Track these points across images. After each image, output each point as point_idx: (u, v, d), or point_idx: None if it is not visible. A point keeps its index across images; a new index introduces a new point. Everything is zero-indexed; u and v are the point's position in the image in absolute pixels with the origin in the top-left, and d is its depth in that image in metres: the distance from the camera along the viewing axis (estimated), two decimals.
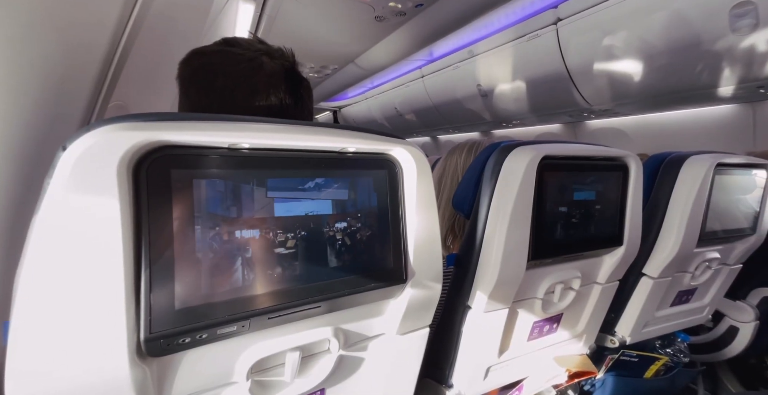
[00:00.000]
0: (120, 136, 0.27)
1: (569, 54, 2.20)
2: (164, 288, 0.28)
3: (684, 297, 0.84)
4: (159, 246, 0.28)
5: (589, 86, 2.32)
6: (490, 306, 0.56)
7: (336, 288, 0.37)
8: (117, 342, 0.27)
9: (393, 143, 0.42)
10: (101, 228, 0.26)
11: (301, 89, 0.48)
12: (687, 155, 0.73)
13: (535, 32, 2.29)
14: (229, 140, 0.31)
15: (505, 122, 3.28)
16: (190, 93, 0.45)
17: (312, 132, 0.36)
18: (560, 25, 2.15)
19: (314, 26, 1.44)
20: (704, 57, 1.71)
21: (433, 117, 3.72)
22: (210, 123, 0.31)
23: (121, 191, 0.27)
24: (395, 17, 1.39)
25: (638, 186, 0.65)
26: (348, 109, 4.84)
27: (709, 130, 2.33)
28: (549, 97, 2.58)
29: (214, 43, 0.46)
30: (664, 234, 0.72)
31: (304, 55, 2.39)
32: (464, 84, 2.99)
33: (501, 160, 0.55)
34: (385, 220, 0.42)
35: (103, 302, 0.27)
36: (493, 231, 0.54)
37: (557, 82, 2.41)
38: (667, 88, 2.04)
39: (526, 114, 2.96)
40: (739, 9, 1.47)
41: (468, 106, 3.22)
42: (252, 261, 0.32)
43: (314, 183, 0.37)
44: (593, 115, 2.78)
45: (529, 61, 2.45)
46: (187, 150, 0.30)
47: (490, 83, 2.81)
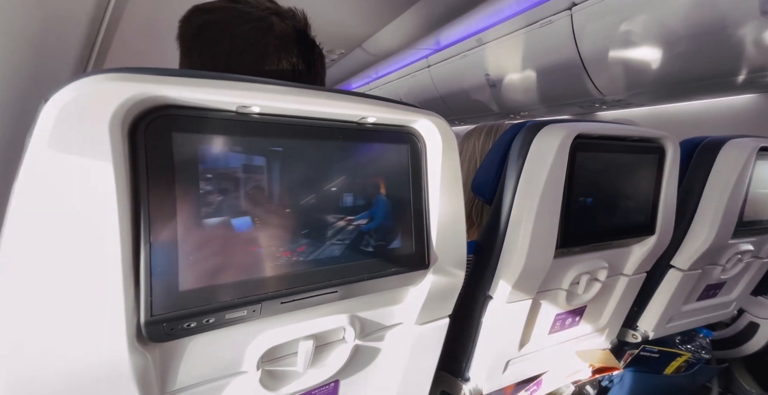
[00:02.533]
0: (112, 88, 0.23)
1: (583, 41, 2.11)
2: (166, 266, 0.25)
3: (712, 292, 0.80)
4: (160, 218, 0.25)
5: (603, 75, 2.23)
6: (513, 297, 0.52)
7: (354, 272, 0.34)
8: (114, 325, 0.24)
9: (417, 114, 0.38)
10: (92, 196, 0.23)
11: (314, 55, 0.44)
12: (725, 139, 0.68)
13: (548, 18, 2.19)
14: (239, 101, 0.27)
15: (513, 113, 3.19)
16: (192, 54, 0.40)
17: (330, 97, 0.32)
18: (575, 10, 2.05)
19: (323, 4, 1.37)
20: (729, 42, 1.62)
21: (439, 108, 3.63)
22: (218, 81, 0.27)
23: (115, 153, 0.23)
24: None
25: (674, 171, 0.60)
26: None
27: (730, 122, 2.24)
28: (560, 86, 2.50)
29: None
30: (696, 223, 0.68)
31: None
32: (472, 74, 2.90)
33: (529, 140, 0.51)
34: (406, 200, 0.38)
35: (96, 280, 0.23)
36: (519, 216, 0.50)
37: (569, 71, 2.32)
38: (687, 76, 1.95)
39: (536, 105, 2.88)
40: None
41: (475, 96, 3.14)
42: (264, 239, 0.29)
43: (331, 155, 0.33)
44: (605, 106, 2.69)
45: (541, 49, 2.36)
46: (191, 111, 0.26)
47: (498, 73, 2.72)
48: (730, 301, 0.84)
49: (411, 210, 0.38)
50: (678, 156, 0.60)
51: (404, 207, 0.38)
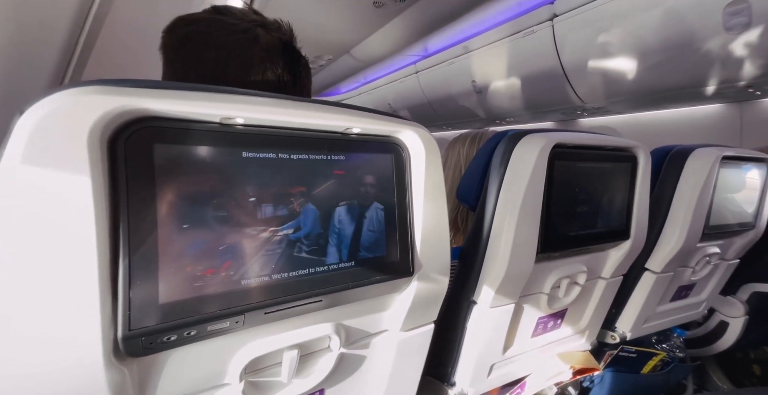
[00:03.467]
0: (90, 101, 0.23)
1: (564, 51, 2.20)
2: (146, 279, 0.25)
3: (683, 293, 0.84)
4: (140, 230, 0.24)
5: (584, 83, 2.33)
6: (497, 302, 0.53)
7: (339, 280, 0.34)
8: (89, 340, 0.23)
9: (401, 125, 0.39)
10: (68, 210, 0.22)
11: (299, 66, 0.44)
12: (692, 148, 0.72)
13: (530, 28, 2.28)
14: (222, 113, 0.28)
15: (499, 119, 3.28)
16: (175, 65, 0.40)
17: (315, 109, 0.33)
18: (556, 21, 2.14)
19: (311, 11, 1.38)
20: (697, 55, 1.73)
21: (427, 113, 3.69)
22: (201, 93, 0.27)
23: (93, 166, 0.23)
24: (395, 3, 1.34)
25: (646, 178, 0.64)
26: None
27: (699, 130, 2.37)
28: (543, 94, 2.59)
29: (202, 11, 0.42)
30: (668, 228, 0.72)
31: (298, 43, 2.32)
32: (459, 80, 2.97)
33: (510, 149, 0.53)
34: (391, 208, 0.38)
35: (71, 296, 0.23)
36: (501, 222, 0.52)
37: (552, 79, 2.41)
38: (660, 86, 2.06)
39: (521, 111, 2.97)
40: (732, 7, 1.48)
41: (462, 102, 3.21)
42: (247, 249, 0.29)
43: (314, 165, 0.33)
44: (586, 113, 2.81)
45: (525, 58, 2.45)
46: (174, 122, 0.26)
47: (484, 79, 2.80)
48: (701, 301, 0.88)
49: (396, 219, 0.39)
50: (649, 164, 0.63)
51: (389, 216, 0.38)
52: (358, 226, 0.36)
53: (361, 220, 0.36)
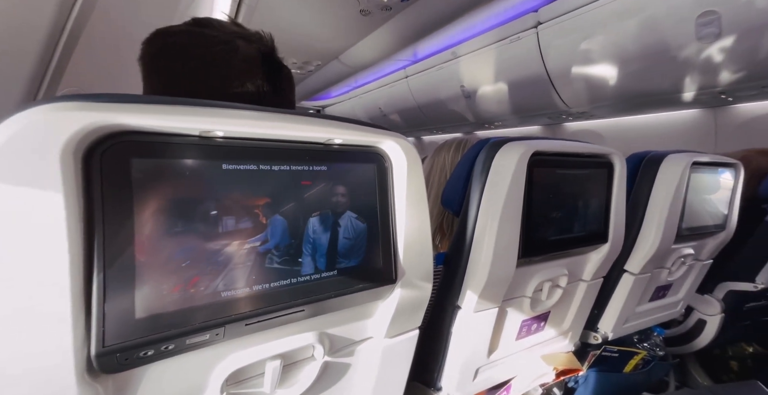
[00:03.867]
0: (64, 118, 0.23)
1: (549, 57, 2.27)
2: (122, 294, 0.24)
3: (661, 293, 0.87)
4: (116, 245, 0.24)
5: (568, 89, 2.40)
6: (480, 306, 0.54)
7: (321, 290, 0.35)
8: (60, 358, 0.23)
9: (382, 135, 0.40)
10: (40, 226, 0.22)
11: (280, 77, 0.44)
12: (665, 154, 0.75)
13: (516, 35, 2.34)
14: (202, 127, 0.28)
15: (488, 123, 3.34)
16: (153, 77, 0.40)
17: (296, 121, 0.33)
18: (540, 28, 2.21)
19: (297, 18, 1.38)
20: (672, 63, 1.81)
21: (418, 117, 3.73)
22: (179, 107, 0.27)
23: (66, 182, 0.23)
24: (381, 12, 1.36)
25: (622, 183, 0.66)
26: (331, 108, 4.77)
27: (677, 133, 2.47)
28: (530, 98, 2.65)
29: (182, 23, 0.42)
30: (644, 230, 0.74)
31: (286, 49, 2.31)
32: (448, 85, 3.02)
33: (491, 156, 0.54)
34: (373, 217, 0.39)
35: (41, 313, 0.22)
36: (483, 228, 0.53)
37: (538, 85, 2.48)
38: (639, 91, 2.14)
39: (508, 115, 3.03)
40: (704, 18, 1.56)
41: (452, 106, 3.26)
42: (226, 261, 0.29)
43: (297, 176, 0.34)
44: (571, 118, 2.89)
45: (511, 64, 2.51)
46: (152, 136, 0.27)
47: (473, 84, 2.85)
48: (678, 301, 0.91)
49: (379, 228, 0.39)
50: (624, 170, 0.66)
51: (372, 224, 0.39)
52: (337, 236, 0.36)
53: (341, 230, 0.36)
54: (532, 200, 0.55)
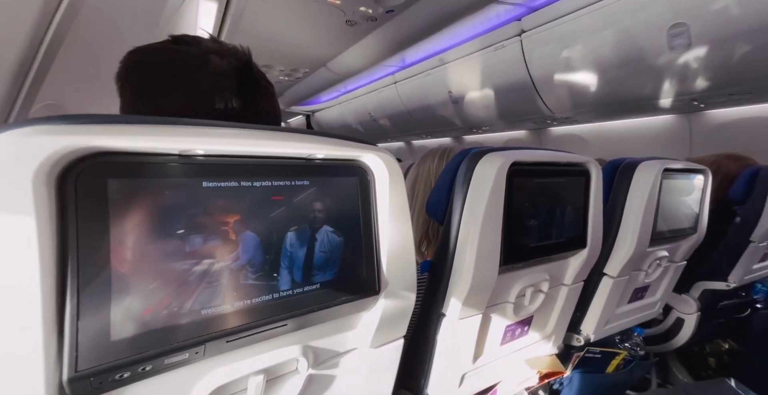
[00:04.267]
0: (36, 143, 0.23)
1: (533, 64, 2.34)
2: (97, 316, 0.24)
3: (639, 294, 0.90)
4: (90, 267, 0.24)
5: (551, 95, 2.47)
6: (465, 313, 0.56)
7: (304, 303, 0.35)
8: (31, 384, 0.23)
9: (364, 149, 0.40)
10: (11, 250, 0.22)
11: (255, 91, 0.44)
12: (639, 161, 0.79)
13: (501, 43, 2.40)
14: (179, 146, 0.28)
15: (476, 128, 3.40)
16: (127, 94, 0.40)
17: (277, 138, 0.34)
18: (524, 36, 2.27)
19: (283, 28, 1.38)
20: (648, 71, 1.89)
21: (407, 122, 3.77)
22: (156, 127, 0.27)
23: (38, 207, 0.23)
24: (366, 22, 1.38)
25: (598, 190, 0.69)
26: (321, 113, 4.77)
27: (656, 138, 2.57)
28: (515, 104, 2.72)
29: (160, 41, 0.42)
30: (621, 235, 0.77)
31: (273, 57, 2.31)
32: (436, 91, 3.06)
33: (472, 166, 0.56)
34: (356, 229, 0.40)
35: (12, 337, 0.22)
36: (466, 237, 0.54)
37: (523, 91, 2.54)
38: (618, 98, 2.23)
39: (495, 120, 3.10)
40: (675, 29, 1.64)
41: (440, 112, 3.31)
42: (206, 278, 0.29)
43: (279, 191, 0.34)
44: (555, 123, 2.97)
45: (497, 70, 2.57)
46: (129, 156, 0.27)
47: (460, 90, 2.91)
48: (656, 301, 0.95)
49: (361, 240, 0.40)
50: (600, 177, 0.69)
51: (355, 236, 0.40)
52: (323, 249, 0.37)
53: (327, 243, 0.37)
54: (513, 209, 0.56)
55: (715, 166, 1.31)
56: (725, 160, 1.31)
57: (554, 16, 2.04)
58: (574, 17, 1.95)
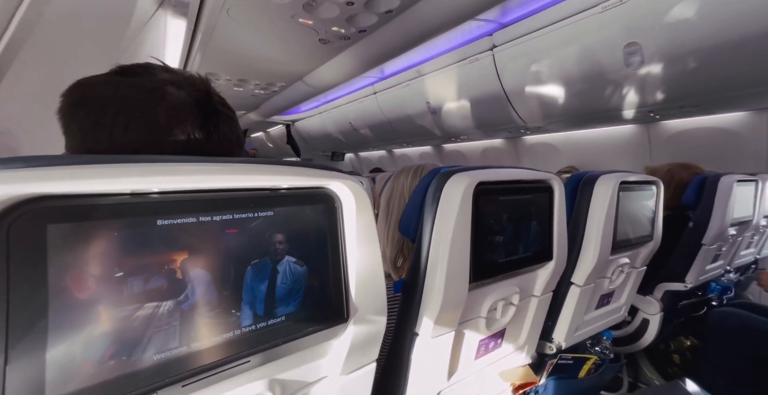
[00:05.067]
0: None
1: (505, 77, 2.45)
2: (28, 375, 0.22)
3: (605, 300, 0.95)
4: (22, 322, 0.23)
5: (523, 106, 2.60)
6: (438, 331, 0.56)
7: (268, 337, 0.34)
8: None
9: (330, 177, 0.41)
10: None
11: (216, 120, 0.43)
12: (598, 175, 0.84)
13: (474, 56, 2.51)
14: (133, 187, 0.27)
15: (454, 137, 3.50)
16: (72, 130, 0.37)
17: (240, 171, 0.33)
18: (496, 51, 2.38)
19: (256, 44, 1.37)
20: (608, 85, 2.03)
21: (388, 132, 3.81)
22: (104, 167, 0.26)
23: None
24: (339, 41, 1.40)
25: (561, 204, 0.72)
26: (302, 122, 4.74)
27: (621, 146, 2.75)
28: (491, 115, 2.83)
29: (106, 73, 0.40)
30: (585, 245, 0.82)
31: (247, 71, 2.28)
32: (414, 101, 3.13)
33: (441, 186, 0.58)
34: (323, 257, 0.40)
35: None
36: (436, 256, 0.56)
37: (497, 102, 2.65)
38: (584, 109, 2.37)
39: (472, 130, 3.20)
40: (629, 48, 1.78)
41: (419, 122, 3.38)
42: (154, 321, 0.28)
43: (239, 224, 0.34)
44: (529, 132, 3.11)
45: (472, 82, 2.67)
46: (74, 200, 0.26)
47: (438, 101, 2.99)
48: (621, 306, 1.00)
49: (329, 267, 0.40)
50: (563, 192, 0.72)
51: (322, 264, 0.39)
52: (288, 279, 0.37)
53: (292, 273, 0.37)
54: (480, 227, 0.58)
55: (669, 174, 1.42)
56: (678, 169, 1.42)
57: (522, 33, 2.16)
58: (541, 34, 2.07)
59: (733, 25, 1.35)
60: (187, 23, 1.10)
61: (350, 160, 5.99)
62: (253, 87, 2.22)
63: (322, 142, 5.02)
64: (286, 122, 4.83)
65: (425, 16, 1.09)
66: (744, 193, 1.31)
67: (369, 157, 5.46)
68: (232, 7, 1.01)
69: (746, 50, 1.40)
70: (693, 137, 2.30)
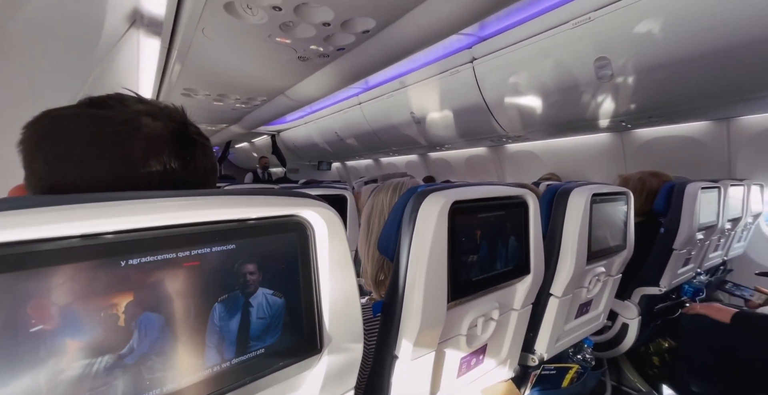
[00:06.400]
0: None
1: (485, 88, 2.53)
2: None
3: (584, 309, 0.97)
4: None
5: (504, 116, 2.68)
6: (417, 353, 0.56)
7: (234, 377, 0.33)
8: None
9: (302, 205, 0.40)
10: None
11: (193, 149, 0.42)
12: (572, 188, 0.87)
13: (455, 68, 2.58)
14: (84, 230, 0.26)
15: (439, 146, 3.56)
16: (36, 166, 0.36)
17: (204, 206, 0.32)
18: (476, 63, 2.46)
19: (234, 62, 1.36)
20: (582, 96, 2.12)
21: (373, 141, 3.84)
22: (50, 212, 0.25)
23: None
24: (318, 58, 1.40)
25: (537, 219, 0.74)
26: (287, 133, 4.71)
27: (597, 153, 2.86)
28: (473, 124, 2.90)
29: (75, 104, 0.38)
30: (562, 257, 0.84)
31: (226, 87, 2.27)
32: (399, 111, 3.18)
33: (417, 207, 0.58)
34: (295, 287, 0.39)
35: None
36: (413, 276, 0.56)
37: (478, 112, 2.73)
38: (561, 119, 2.46)
39: (456, 139, 3.26)
40: (599, 62, 1.87)
41: (404, 131, 3.42)
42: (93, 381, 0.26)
43: (201, 258, 0.32)
44: (510, 140, 3.20)
45: (454, 93, 2.74)
46: (11, 248, 0.24)
47: (421, 111, 3.05)
48: (599, 314, 1.03)
49: (301, 297, 0.39)
50: (537, 207, 0.74)
51: (293, 294, 0.39)
52: (257, 313, 0.36)
53: (260, 306, 0.36)
54: (457, 245, 0.59)
55: (641, 182, 1.48)
56: (648, 177, 1.48)
57: (500, 46, 2.24)
58: (518, 48, 2.15)
59: (693, 42, 1.44)
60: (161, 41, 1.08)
61: (337, 169, 5.98)
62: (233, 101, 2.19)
63: (308, 152, 5.00)
64: (270, 132, 4.79)
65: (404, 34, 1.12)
66: (708, 199, 1.38)
67: (356, 166, 5.46)
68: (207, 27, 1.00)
69: (705, 64, 1.50)
70: (663, 145, 2.42)
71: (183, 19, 0.94)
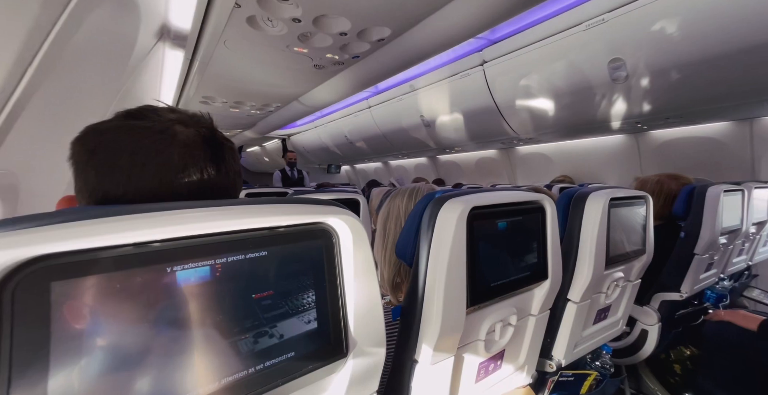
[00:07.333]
0: None
1: (496, 91, 2.52)
2: None
3: (602, 315, 0.95)
4: (24, 385, 0.23)
5: (515, 118, 2.66)
6: (437, 358, 0.57)
7: (267, 379, 0.35)
8: None
9: (327, 213, 0.42)
10: None
11: (223, 153, 0.45)
12: (589, 192, 0.86)
13: (466, 71, 2.58)
14: (138, 239, 0.28)
15: (449, 148, 3.55)
16: (88, 177, 0.39)
17: (240, 215, 0.34)
18: (486, 66, 2.46)
19: (252, 71, 1.41)
20: (595, 98, 2.09)
21: (383, 144, 3.86)
22: (106, 223, 0.27)
23: None
24: (334, 66, 1.43)
25: (554, 223, 0.74)
26: (297, 136, 4.78)
27: (611, 156, 2.80)
28: (483, 127, 2.89)
29: (114, 117, 0.41)
30: (579, 262, 0.83)
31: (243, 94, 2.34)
32: (408, 115, 3.19)
33: (436, 212, 0.59)
34: (322, 292, 0.40)
35: None
36: (433, 282, 0.56)
37: (488, 115, 2.72)
38: (573, 121, 2.43)
39: (466, 142, 3.25)
40: (613, 63, 1.84)
41: (414, 134, 3.42)
42: (159, 372, 0.28)
43: (240, 265, 0.34)
44: (521, 142, 3.17)
45: (464, 96, 2.74)
46: (76, 255, 0.26)
47: (431, 114, 3.06)
48: (618, 320, 1.01)
49: (327, 302, 0.41)
50: (555, 212, 0.74)
51: (320, 300, 0.40)
52: (286, 318, 0.37)
53: (290, 312, 0.37)
54: (476, 251, 0.60)
55: (659, 185, 1.45)
56: (666, 179, 1.45)
57: (511, 49, 2.23)
58: (529, 50, 2.14)
59: (711, 41, 1.41)
60: (185, 53, 1.13)
61: (346, 172, 6.02)
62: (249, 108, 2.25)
63: (318, 155, 5.06)
64: (282, 136, 4.87)
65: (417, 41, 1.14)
66: (731, 202, 1.34)
67: (365, 168, 5.49)
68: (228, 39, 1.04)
69: (726, 64, 1.46)
70: (681, 146, 2.35)
71: (207, 32, 0.98)
